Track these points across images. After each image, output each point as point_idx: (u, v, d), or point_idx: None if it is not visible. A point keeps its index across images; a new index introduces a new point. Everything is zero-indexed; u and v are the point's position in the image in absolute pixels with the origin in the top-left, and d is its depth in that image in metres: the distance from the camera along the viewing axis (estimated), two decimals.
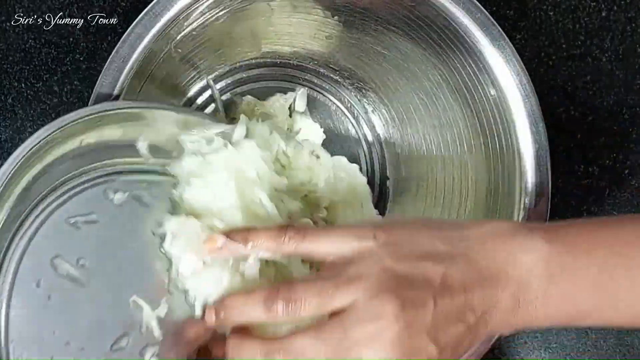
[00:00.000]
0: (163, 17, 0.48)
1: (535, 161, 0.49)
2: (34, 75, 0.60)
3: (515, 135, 0.50)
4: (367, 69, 0.60)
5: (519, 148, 0.50)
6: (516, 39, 0.61)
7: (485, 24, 0.49)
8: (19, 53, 0.60)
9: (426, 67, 0.55)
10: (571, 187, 0.62)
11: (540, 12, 0.62)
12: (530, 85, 0.49)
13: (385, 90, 0.60)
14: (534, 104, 0.49)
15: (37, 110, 0.60)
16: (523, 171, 0.49)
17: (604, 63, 0.62)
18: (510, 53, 0.49)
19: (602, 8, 0.62)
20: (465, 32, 0.49)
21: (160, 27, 0.48)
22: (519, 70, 0.49)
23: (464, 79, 0.52)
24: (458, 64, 0.52)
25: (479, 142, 0.54)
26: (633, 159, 0.62)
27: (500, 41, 0.49)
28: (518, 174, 0.50)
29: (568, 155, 0.62)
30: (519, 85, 0.49)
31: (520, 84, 0.49)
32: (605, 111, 0.62)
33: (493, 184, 0.53)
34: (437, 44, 0.52)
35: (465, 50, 0.50)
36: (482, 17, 0.49)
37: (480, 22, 0.49)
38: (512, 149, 0.50)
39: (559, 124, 0.62)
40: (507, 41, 0.49)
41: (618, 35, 0.62)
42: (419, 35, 0.52)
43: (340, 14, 0.55)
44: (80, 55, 0.60)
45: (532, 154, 0.49)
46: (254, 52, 0.60)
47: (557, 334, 0.62)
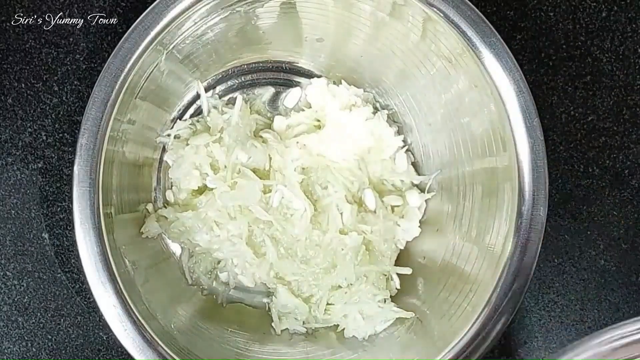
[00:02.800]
0: (154, 29, 0.49)
1: (531, 157, 0.49)
2: (34, 75, 0.60)
3: (510, 131, 0.50)
4: (361, 71, 0.60)
5: (515, 143, 0.50)
6: (516, 39, 0.61)
7: (475, 22, 0.49)
8: (19, 53, 0.60)
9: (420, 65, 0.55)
10: (571, 187, 0.62)
11: (540, 13, 0.62)
12: (523, 82, 0.49)
13: (380, 89, 0.61)
14: (527, 99, 0.49)
15: (37, 110, 0.60)
16: (520, 166, 0.49)
17: (604, 63, 0.62)
18: (502, 49, 0.49)
19: (602, 8, 0.62)
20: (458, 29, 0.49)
21: (150, 39, 0.49)
22: (511, 66, 0.49)
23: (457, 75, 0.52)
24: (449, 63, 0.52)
25: (475, 141, 0.54)
26: (633, 159, 0.62)
27: (491, 38, 0.49)
28: (515, 171, 0.50)
29: (568, 155, 0.62)
30: (512, 81, 0.49)
31: (514, 80, 0.49)
32: (605, 111, 0.62)
33: (489, 182, 0.53)
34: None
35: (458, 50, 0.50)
36: (473, 15, 0.49)
37: (470, 19, 0.49)
38: (507, 145, 0.50)
39: (559, 124, 0.62)
40: (498, 37, 0.49)
41: (618, 36, 0.62)
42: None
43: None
44: (80, 55, 0.60)
45: (527, 149, 0.49)
46: (250, 57, 0.61)
47: (557, 334, 0.62)
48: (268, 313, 0.59)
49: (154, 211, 0.58)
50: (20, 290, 0.60)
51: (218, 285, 0.60)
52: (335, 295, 0.57)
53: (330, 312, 0.57)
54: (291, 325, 0.58)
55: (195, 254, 0.59)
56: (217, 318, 0.58)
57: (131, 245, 0.54)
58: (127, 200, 0.55)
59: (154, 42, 0.49)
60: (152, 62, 0.52)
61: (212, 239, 0.56)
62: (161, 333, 0.50)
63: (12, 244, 0.59)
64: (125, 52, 0.49)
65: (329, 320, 0.58)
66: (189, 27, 0.52)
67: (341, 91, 0.60)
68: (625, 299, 0.62)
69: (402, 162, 0.60)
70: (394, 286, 0.59)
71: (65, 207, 0.60)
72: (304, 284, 0.57)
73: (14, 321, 0.60)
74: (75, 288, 0.60)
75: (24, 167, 0.60)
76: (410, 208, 0.59)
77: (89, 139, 0.49)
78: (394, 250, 0.59)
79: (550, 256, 0.62)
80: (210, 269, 0.59)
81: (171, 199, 0.59)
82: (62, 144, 0.60)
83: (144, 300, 0.51)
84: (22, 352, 0.60)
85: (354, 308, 0.57)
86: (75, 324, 0.60)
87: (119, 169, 0.53)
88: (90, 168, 0.49)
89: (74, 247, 0.48)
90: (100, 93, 0.49)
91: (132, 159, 0.56)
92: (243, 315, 0.59)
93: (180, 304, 0.56)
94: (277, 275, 0.57)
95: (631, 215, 0.62)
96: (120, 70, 0.49)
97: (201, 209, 0.56)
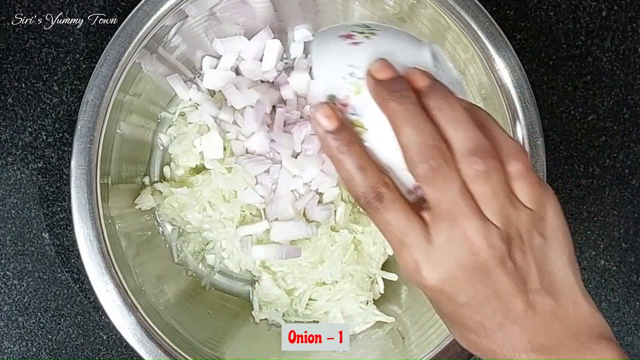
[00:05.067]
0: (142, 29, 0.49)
1: (530, 149, 0.50)
2: (34, 75, 0.60)
3: (509, 121, 0.50)
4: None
5: (514, 133, 0.50)
6: (516, 39, 0.61)
7: (475, 13, 0.49)
8: (19, 53, 0.60)
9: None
10: (571, 187, 0.62)
11: (540, 12, 0.62)
12: (522, 73, 0.49)
13: None
14: (525, 89, 0.49)
15: (37, 110, 0.60)
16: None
17: (604, 63, 0.62)
18: (501, 39, 0.49)
19: (603, 8, 0.62)
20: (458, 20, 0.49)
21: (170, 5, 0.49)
22: (509, 56, 0.49)
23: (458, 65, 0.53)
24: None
25: None
26: (633, 159, 0.62)
27: (491, 30, 0.49)
28: None
29: (568, 155, 0.62)
30: (510, 71, 0.49)
31: (512, 70, 0.49)
32: (605, 111, 0.62)
33: None
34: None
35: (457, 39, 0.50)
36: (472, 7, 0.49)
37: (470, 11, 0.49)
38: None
39: (559, 123, 0.62)
40: (496, 26, 0.49)
41: (618, 35, 0.62)
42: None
43: None
44: (80, 55, 0.60)
45: (525, 138, 0.50)
46: None
47: None
48: (249, 301, 0.59)
49: (150, 184, 0.59)
50: (20, 290, 0.60)
51: (204, 268, 0.60)
52: (319, 291, 0.57)
53: (311, 308, 0.58)
54: (271, 315, 0.58)
55: (185, 233, 0.59)
56: (199, 299, 0.58)
57: (124, 216, 0.54)
58: (124, 171, 0.55)
59: (173, 8, 0.49)
60: (171, 26, 0.51)
61: (204, 218, 0.56)
62: (148, 308, 0.50)
63: (12, 244, 0.60)
64: (143, 14, 0.49)
65: (309, 316, 0.58)
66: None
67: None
68: (625, 299, 0.62)
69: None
70: (377, 290, 0.59)
71: (65, 206, 0.60)
72: (289, 276, 0.57)
73: (14, 321, 0.60)
74: (76, 288, 0.60)
75: (24, 167, 0.60)
76: None
77: (95, 95, 0.49)
78: (382, 254, 0.59)
79: None
80: (199, 250, 0.59)
81: (168, 175, 0.59)
82: (62, 143, 0.60)
83: (133, 274, 0.51)
84: (22, 352, 0.60)
85: (336, 306, 0.57)
86: (75, 324, 0.60)
87: (120, 139, 0.53)
88: (94, 125, 0.49)
89: (74, 247, 0.48)
90: (113, 51, 0.49)
91: (134, 131, 0.56)
92: (224, 300, 0.60)
93: (166, 282, 0.56)
94: (263, 264, 0.57)
95: (631, 215, 0.62)
96: (136, 32, 0.49)
97: (196, 187, 0.56)
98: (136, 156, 0.58)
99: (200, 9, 0.52)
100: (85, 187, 0.49)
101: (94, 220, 0.49)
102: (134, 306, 0.49)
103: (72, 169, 0.49)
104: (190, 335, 0.52)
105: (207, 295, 0.59)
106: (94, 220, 0.49)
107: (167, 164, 0.59)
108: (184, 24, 0.52)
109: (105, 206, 0.50)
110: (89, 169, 0.49)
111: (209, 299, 0.59)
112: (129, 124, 0.54)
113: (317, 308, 0.57)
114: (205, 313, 0.57)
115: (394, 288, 0.59)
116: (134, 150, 0.57)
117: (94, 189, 0.49)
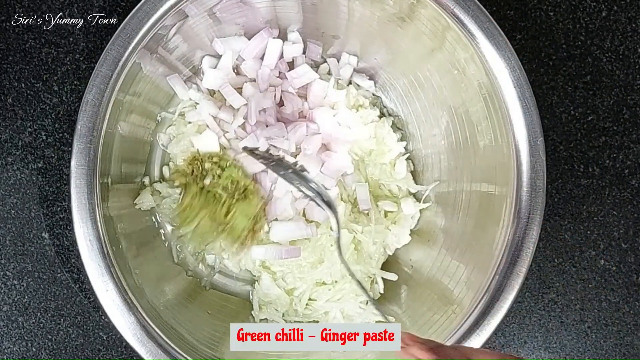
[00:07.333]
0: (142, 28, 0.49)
1: (531, 175, 0.50)
2: (34, 75, 0.60)
3: (509, 121, 0.50)
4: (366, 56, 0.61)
5: (513, 132, 0.50)
6: (516, 39, 0.61)
7: (475, 13, 0.49)
8: (19, 53, 0.60)
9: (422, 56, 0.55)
10: (571, 187, 0.62)
11: (540, 12, 0.62)
12: (522, 73, 0.49)
13: (386, 78, 0.61)
14: (525, 89, 0.49)
15: (37, 110, 0.60)
16: (520, 184, 0.50)
17: (604, 63, 0.62)
18: (501, 39, 0.49)
19: (602, 8, 0.62)
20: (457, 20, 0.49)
21: (139, 38, 0.49)
22: (509, 56, 0.49)
23: (457, 65, 0.53)
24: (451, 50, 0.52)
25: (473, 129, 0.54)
26: (633, 158, 0.62)
27: (491, 30, 0.49)
28: (514, 164, 0.50)
29: (568, 155, 0.62)
30: (510, 70, 0.49)
31: (511, 70, 0.49)
32: (605, 111, 0.62)
33: (486, 203, 0.53)
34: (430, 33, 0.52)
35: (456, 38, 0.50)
36: (472, 7, 0.49)
37: (469, 11, 0.49)
38: (506, 134, 0.50)
39: (559, 123, 0.62)
40: (495, 26, 0.49)
41: (618, 36, 0.62)
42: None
43: None
44: (80, 55, 0.60)
45: (527, 167, 0.50)
46: None
47: (557, 334, 0.62)
48: (249, 301, 0.59)
49: (150, 185, 0.59)
50: (20, 290, 0.60)
51: (203, 268, 0.60)
52: (319, 291, 0.57)
53: (311, 308, 0.58)
54: (270, 315, 0.58)
55: None
56: (199, 300, 0.58)
57: (124, 216, 0.54)
58: (124, 172, 0.55)
59: (172, 8, 0.49)
60: (171, 26, 0.51)
61: None
62: (147, 308, 0.50)
63: (12, 244, 0.59)
64: (143, 14, 0.49)
65: (309, 316, 0.58)
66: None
67: (350, 90, 0.60)
68: (625, 299, 0.62)
69: (402, 168, 0.60)
70: (377, 290, 0.59)
71: (65, 206, 0.60)
72: (289, 276, 0.57)
73: (14, 321, 0.60)
74: (76, 288, 0.60)
75: (24, 167, 0.60)
76: (404, 215, 0.59)
77: (95, 95, 0.48)
78: (382, 254, 0.59)
79: (550, 256, 0.62)
80: (198, 250, 0.59)
81: (167, 175, 0.59)
82: (62, 144, 0.60)
83: (132, 274, 0.51)
84: (22, 352, 0.60)
85: (336, 306, 0.57)
86: (75, 324, 0.60)
87: (120, 139, 0.53)
88: (94, 125, 0.49)
89: (74, 247, 0.48)
90: (113, 51, 0.48)
91: (134, 131, 0.56)
92: (224, 300, 0.60)
93: (166, 282, 0.56)
94: (263, 263, 0.57)
95: (631, 215, 0.62)
96: (136, 32, 0.48)
97: None
98: (136, 156, 0.58)
99: (200, 9, 0.52)
100: (85, 187, 0.49)
101: (94, 220, 0.49)
102: (134, 306, 0.49)
103: (72, 169, 0.49)
104: (190, 335, 0.52)
105: (207, 296, 0.59)
106: (94, 220, 0.49)
107: (166, 164, 0.59)
108: (184, 24, 0.52)
109: (105, 206, 0.50)
110: (88, 169, 0.49)
111: (209, 299, 0.59)
112: (128, 124, 0.54)
113: (317, 308, 0.57)
114: (205, 313, 0.57)
115: (393, 288, 0.59)
116: (134, 150, 0.57)
117: (94, 189, 0.49)
